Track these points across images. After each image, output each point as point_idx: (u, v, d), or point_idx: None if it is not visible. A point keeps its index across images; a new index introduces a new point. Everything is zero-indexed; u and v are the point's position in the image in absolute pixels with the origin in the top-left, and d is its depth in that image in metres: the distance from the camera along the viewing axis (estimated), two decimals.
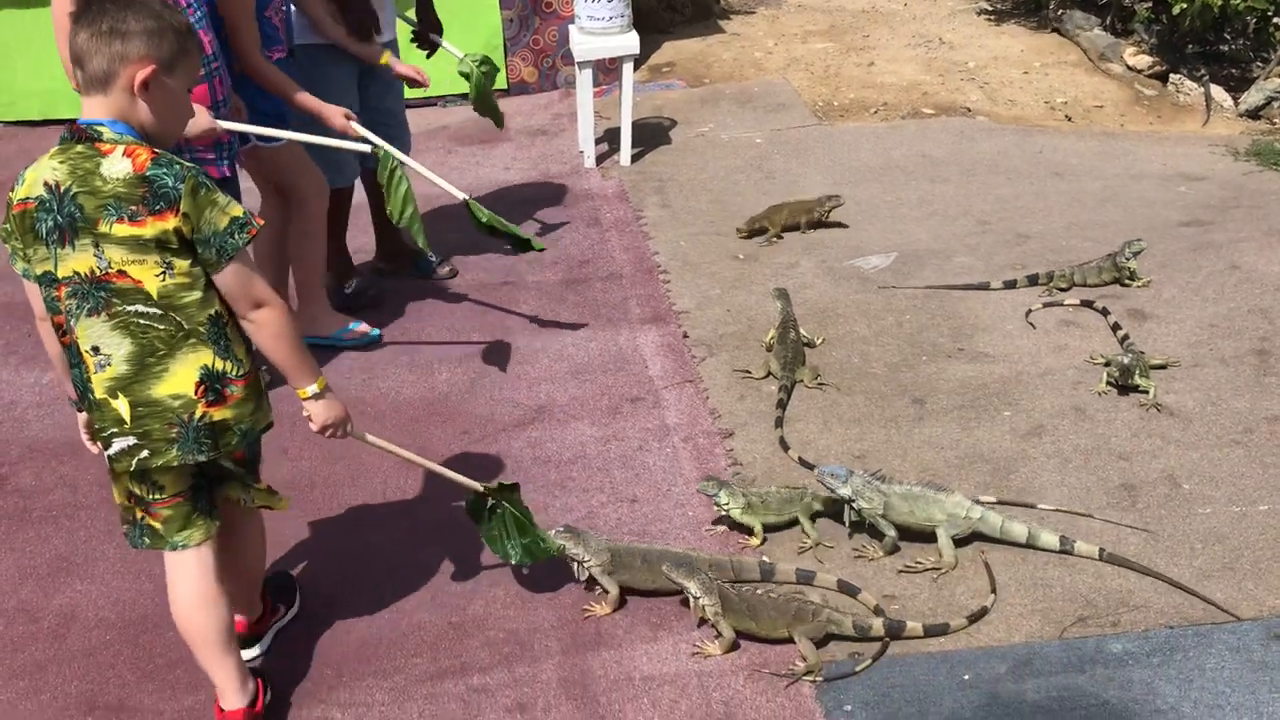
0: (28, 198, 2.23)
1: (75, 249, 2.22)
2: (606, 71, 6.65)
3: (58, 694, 2.74)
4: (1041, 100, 6.52)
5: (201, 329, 2.29)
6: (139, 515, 2.45)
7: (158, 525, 2.43)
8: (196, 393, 2.29)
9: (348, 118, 3.85)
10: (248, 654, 2.75)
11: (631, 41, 5.65)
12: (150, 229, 2.19)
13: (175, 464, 2.34)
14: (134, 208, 2.18)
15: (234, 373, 2.34)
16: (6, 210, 2.29)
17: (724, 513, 3.12)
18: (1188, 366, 3.79)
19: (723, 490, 3.12)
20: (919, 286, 4.40)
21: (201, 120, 3.32)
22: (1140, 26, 7.07)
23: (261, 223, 2.32)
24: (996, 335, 4.05)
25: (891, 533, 3.01)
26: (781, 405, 3.68)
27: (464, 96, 6.69)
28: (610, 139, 6.02)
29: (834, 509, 3.15)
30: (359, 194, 4.59)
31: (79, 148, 2.21)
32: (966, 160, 5.65)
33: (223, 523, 2.52)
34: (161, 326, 2.26)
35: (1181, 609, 2.80)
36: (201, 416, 2.30)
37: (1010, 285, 4.34)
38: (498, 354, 4.15)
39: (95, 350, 2.27)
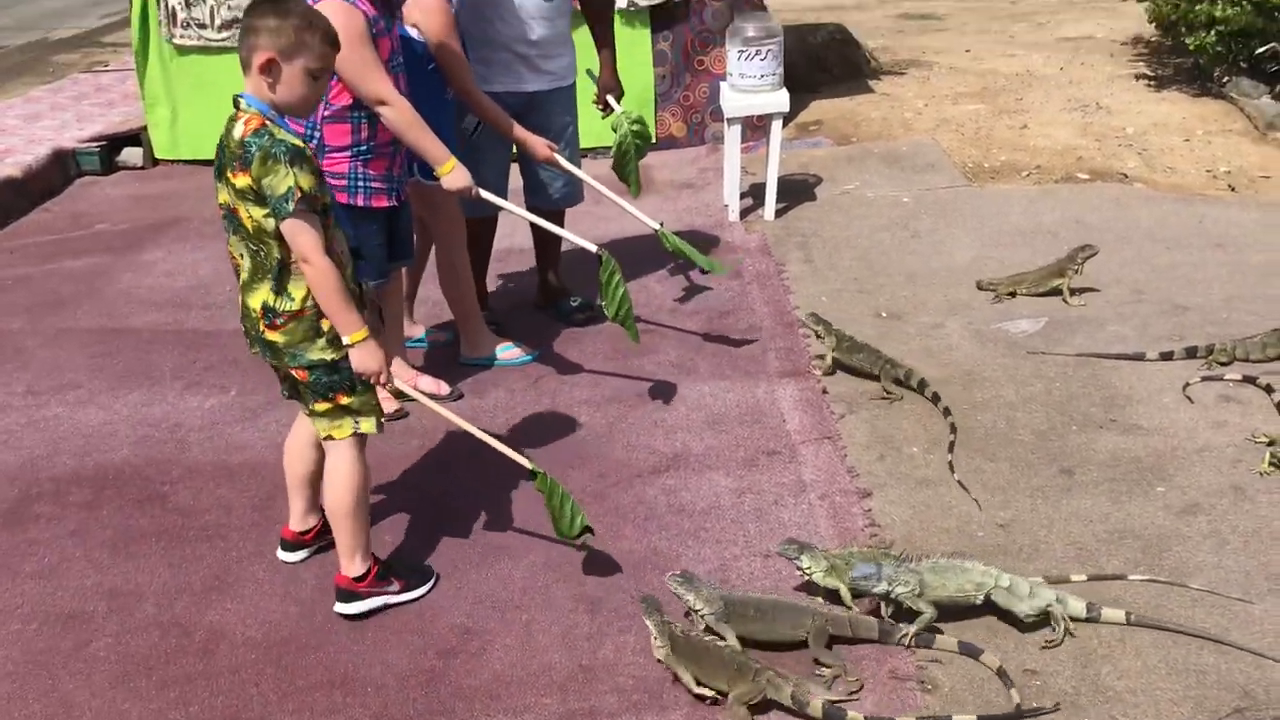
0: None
1: (221, 185, 2.87)
2: (754, 128, 6.70)
3: (204, 707, 2.84)
4: (1203, 169, 6.32)
5: (270, 266, 2.88)
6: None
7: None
8: (260, 313, 2.93)
9: (551, 148, 4.24)
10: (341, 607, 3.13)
11: (782, 99, 5.70)
12: (240, 181, 2.80)
13: (258, 357, 3.04)
14: (236, 163, 2.80)
15: (283, 308, 2.91)
16: None
17: (807, 577, 3.07)
18: None
19: (805, 554, 3.07)
20: (1070, 354, 4.28)
21: (460, 179, 3.78)
22: None
23: (300, 197, 2.77)
24: (1151, 407, 3.91)
25: (929, 611, 2.89)
26: (940, 405, 3.92)
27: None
28: (755, 194, 6.05)
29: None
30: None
31: (233, 112, 2.86)
32: (1122, 227, 5.50)
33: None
34: (260, 256, 2.88)
35: None
36: (261, 332, 2.95)
37: (1167, 357, 4.19)
38: (636, 400, 4.19)
39: (241, 256, 2.93)
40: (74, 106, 8.47)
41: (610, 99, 4.66)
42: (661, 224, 4.41)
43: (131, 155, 7.45)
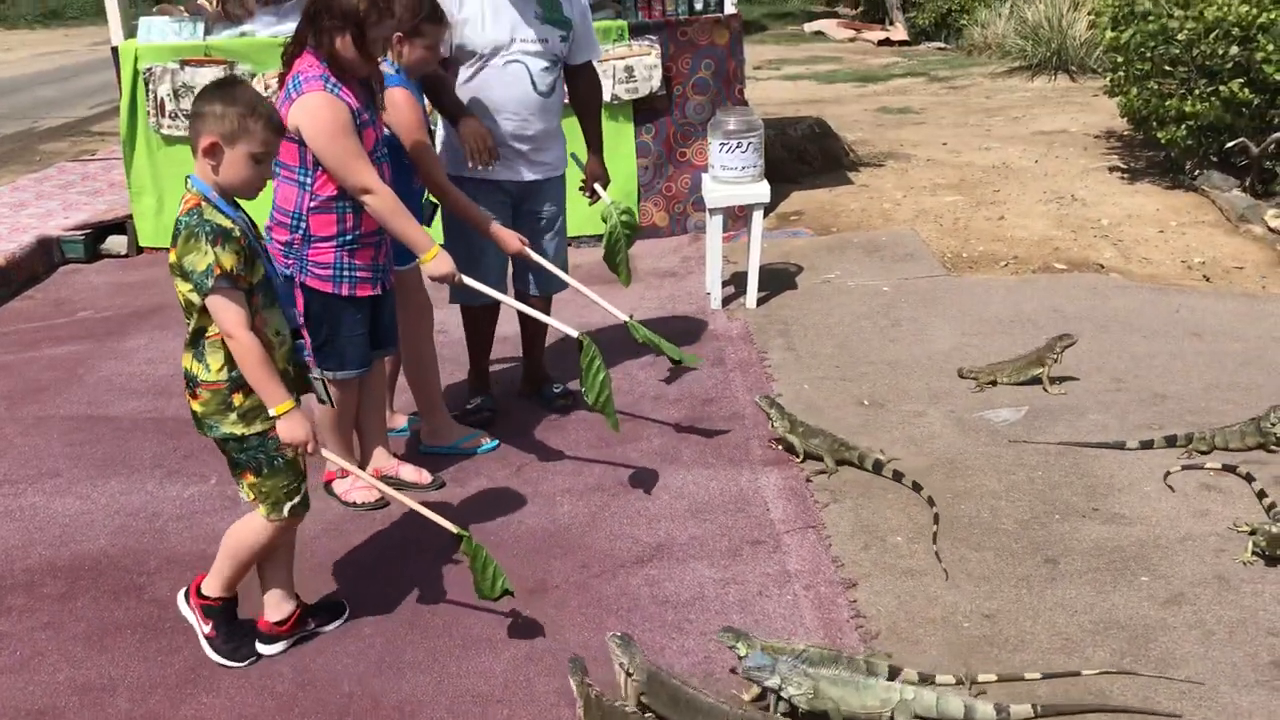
0: None
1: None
2: (736, 218, 6.79)
3: None
4: (1178, 259, 6.42)
5: (192, 336, 3.02)
6: None
7: None
8: (186, 381, 3.08)
9: (522, 242, 4.19)
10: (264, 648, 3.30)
11: (762, 190, 5.78)
12: (171, 256, 2.97)
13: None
14: (171, 238, 2.97)
15: (202, 376, 3.03)
16: None
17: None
18: None
19: (741, 641, 3.04)
20: (1051, 442, 4.31)
21: (443, 266, 3.82)
22: None
23: (219, 273, 2.89)
24: (1133, 496, 3.92)
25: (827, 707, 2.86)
26: (905, 481, 4.03)
27: (597, 237, 6.98)
28: (737, 282, 6.11)
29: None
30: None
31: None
32: (1100, 316, 5.56)
33: None
34: (188, 326, 3.03)
35: None
36: (188, 401, 3.10)
37: (1147, 445, 4.21)
38: (619, 488, 4.17)
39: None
40: (60, 195, 8.53)
41: (597, 186, 4.74)
42: (631, 315, 4.43)
43: (116, 243, 7.49)
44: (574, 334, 4.03)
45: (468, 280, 3.94)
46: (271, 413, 3.02)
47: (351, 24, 3.57)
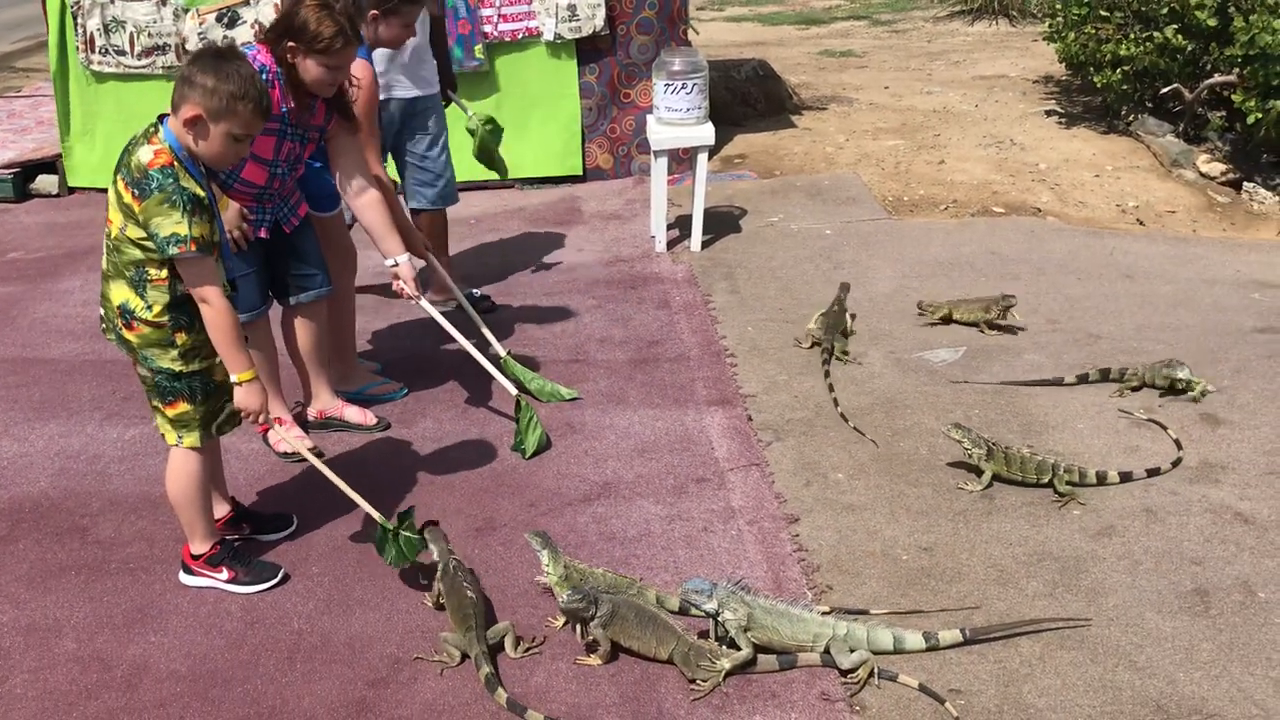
0: None
1: (113, 181, 3.01)
2: (680, 161, 6.79)
3: None
4: (1112, 203, 6.55)
5: (127, 272, 3.01)
6: None
7: None
8: (118, 311, 3.08)
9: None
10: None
11: (707, 133, 5.79)
12: (127, 198, 2.94)
13: (114, 344, 3.18)
14: (131, 185, 2.93)
15: (140, 313, 3.04)
16: None
17: (546, 573, 3.16)
18: (1262, 473, 3.74)
19: (546, 550, 3.15)
20: (990, 382, 4.40)
21: (405, 273, 3.87)
22: (1214, 134, 7.10)
23: (194, 248, 2.92)
24: (1067, 434, 4.03)
25: (747, 649, 2.91)
26: (825, 363, 4.51)
27: (542, 180, 7.01)
28: (681, 226, 6.13)
29: (671, 609, 3.09)
30: None
31: (150, 126, 3.00)
32: (1036, 259, 5.67)
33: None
34: (116, 256, 3.03)
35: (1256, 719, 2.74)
36: (118, 327, 3.10)
37: (1083, 379, 4.34)
38: (565, 429, 4.20)
39: (106, 250, 3.11)
40: None
41: (449, 93, 5.13)
42: (509, 352, 4.39)
43: (46, 183, 7.31)
44: (513, 391, 4.11)
45: (425, 304, 4.06)
46: (234, 378, 3.10)
47: (315, 53, 3.51)
